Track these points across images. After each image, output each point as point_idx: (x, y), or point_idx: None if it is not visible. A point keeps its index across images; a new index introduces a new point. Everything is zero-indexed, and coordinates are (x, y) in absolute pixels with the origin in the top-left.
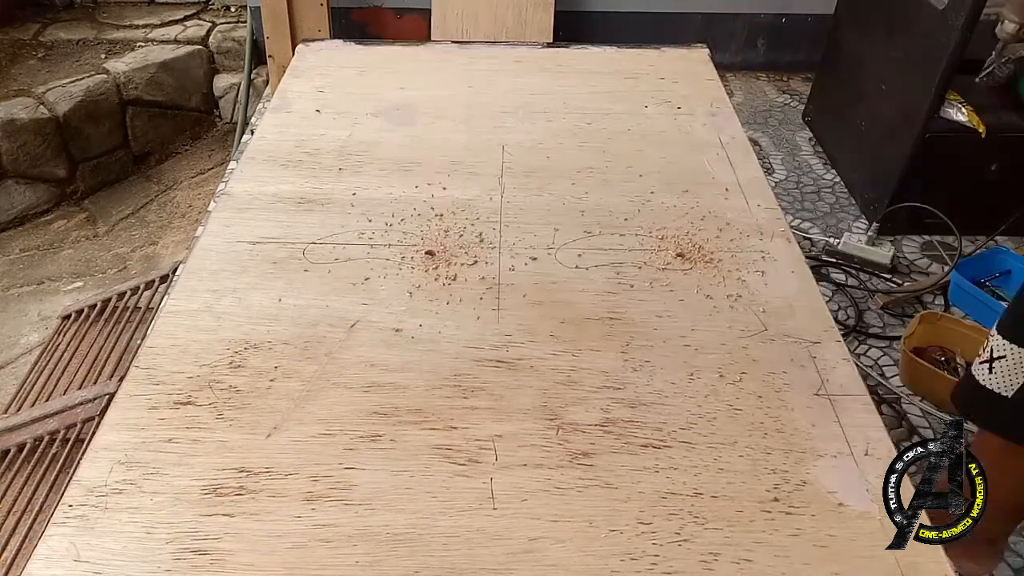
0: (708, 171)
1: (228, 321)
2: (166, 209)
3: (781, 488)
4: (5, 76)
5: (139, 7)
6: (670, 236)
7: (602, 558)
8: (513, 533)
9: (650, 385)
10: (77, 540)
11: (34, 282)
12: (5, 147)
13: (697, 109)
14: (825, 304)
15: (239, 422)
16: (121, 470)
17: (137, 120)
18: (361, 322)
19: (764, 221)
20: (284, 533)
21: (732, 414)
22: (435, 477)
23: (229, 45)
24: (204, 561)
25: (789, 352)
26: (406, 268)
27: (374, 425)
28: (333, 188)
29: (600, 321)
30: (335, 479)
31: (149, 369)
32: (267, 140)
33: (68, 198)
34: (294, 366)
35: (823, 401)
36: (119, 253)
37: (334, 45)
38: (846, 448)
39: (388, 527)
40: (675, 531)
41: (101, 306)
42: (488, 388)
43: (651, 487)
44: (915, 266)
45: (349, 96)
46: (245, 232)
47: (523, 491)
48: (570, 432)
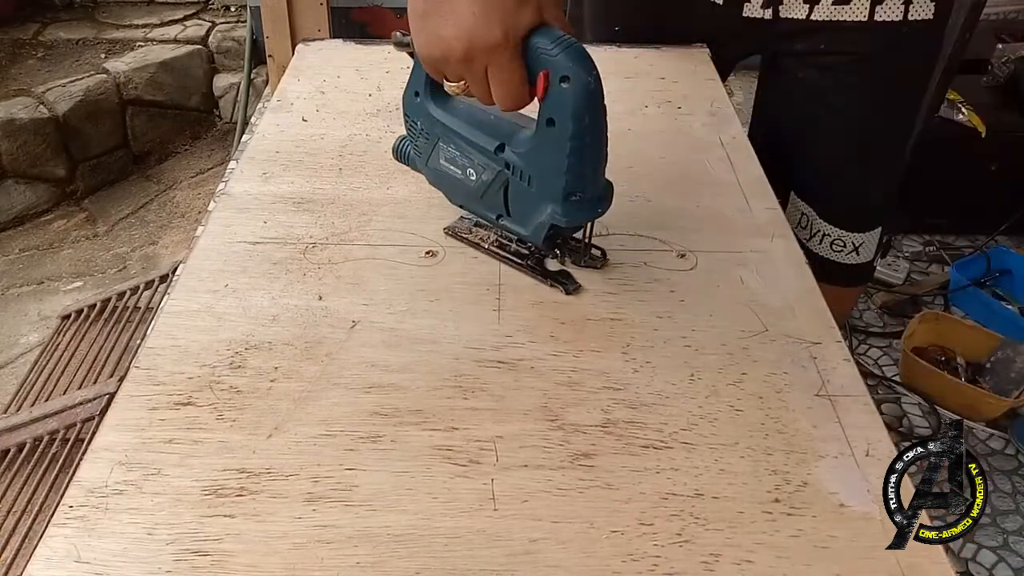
0: (709, 171)
1: (228, 321)
2: (166, 209)
3: (782, 489)
4: (5, 76)
5: (139, 7)
6: (670, 236)
7: (603, 559)
8: (514, 534)
9: (651, 386)
10: (77, 541)
11: (34, 282)
12: (5, 147)
13: (697, 109)
14: (826, 304)
15: (240, 423)
16: (121, 471)
17: (137, 120)
18: (362, 322)
19: (765, 221)
20: (285, 534)
21: (733, 415)
22: (436, 478)
23: (229, 45)
24: (205, 562)
25: (790, 353)
26: (407, 268)
27: (375, 426)
28: (334, 188)
29: (601, 322)
30: (336, 480)
31: (149, 370)
32: (267, 140)
33: (68, 198)
34: (295, 367)
35: (824, 402)
36: (119, 253)
37: (334, 45)
38: (847, 449)
39: (389, 528)
40: (676, 532)
41: (101, 306)
42: (489, 389)
43: (652, 488)
44: (915, 266)
45: (349, 96)
46: (245, 232)
47: (524, 492)
48: (571, 433)
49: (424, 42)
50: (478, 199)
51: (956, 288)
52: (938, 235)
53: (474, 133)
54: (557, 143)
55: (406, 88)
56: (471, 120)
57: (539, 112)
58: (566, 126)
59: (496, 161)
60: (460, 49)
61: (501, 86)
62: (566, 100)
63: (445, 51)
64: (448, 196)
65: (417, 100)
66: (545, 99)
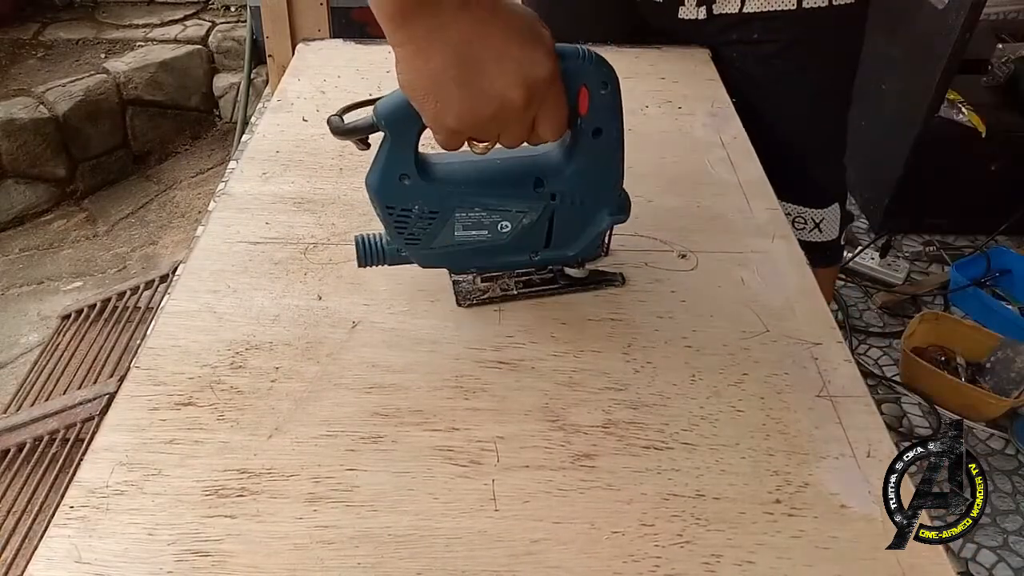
0: (709, 171)
1: (229, 322)
2: (166, 209)
3: (783, 490)
4: (5, 75)
5: (139, 7)
6: (671, 237)
7: (604, 560)
8: (515, 535)
9: (652, 386)
10: (78, 542)
11: (34, 282)
12: (5, 147)
13: (698, 109)
14: (827, 305)
15: (241, 423)
16: (122, 471)
17: (137, 120)
18: (362, 323)
19: (765, 222)
20: (286, 535)
21: (734, 415)
22: (437, 478)
23: (229, 45)
24: (206, 563)
25: (791, 353)
26: (407, 269)
27: (376, 426)
28: (335, 188)
29: (601, 322)
30: (337, 480)
31: (150, 370)
32: (267, 140)
33: (68, 198)
34: (295, 367)
35: (825, 402)
36: (119, 253)
37: (334, 45)
38: (848, 450)
39: (390, 528)
40: (677, 533)
41: (101, 306)
42: (490, 389)
43: (653, 489)
44: (915, 266)
45: (350, 96)
46: (246, 232)
47: (525, 492)
48: (572, 433)
49: (468, 108)
50: (509, 250)
51: (956, 288)
52: (938, 235)
53: (501, 184)
54: (606, 150)
55: (378, 179)
56: (485, 174)
57: (579, 128)
58: (612, 129)
59: (538, 198)
60: (520, 97)
61: (555, 117)
62: (609, 105)
63: (500, 106)
64: (458, 268)
65: (407, 184)
66: (589, 112)
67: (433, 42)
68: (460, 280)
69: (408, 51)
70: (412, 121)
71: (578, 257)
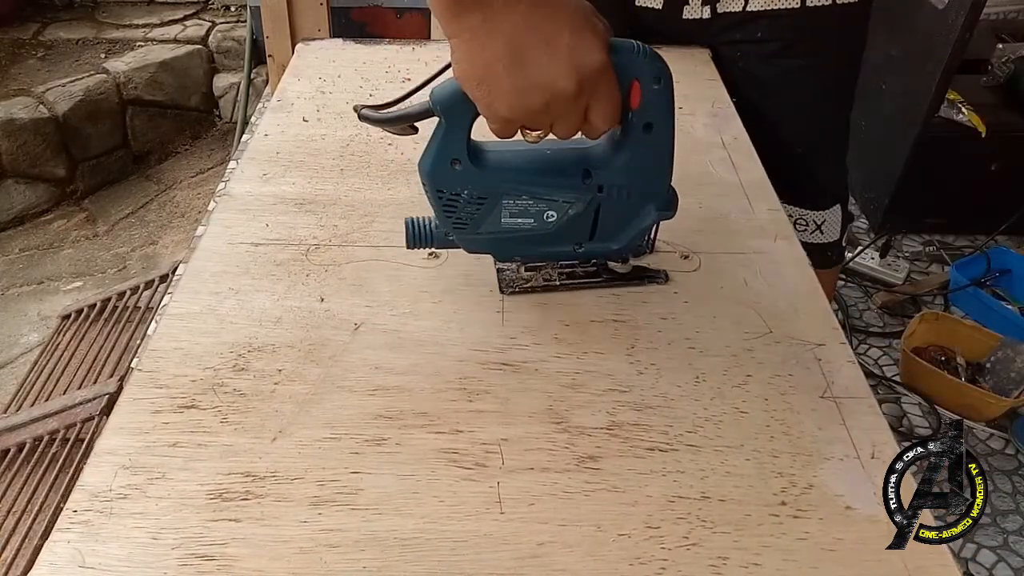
0: (711, 171)
1: (231, 324)
2: (166, 209)
3: (788, 492)
4: (5, 75)
5: (139, 7)
6: (674, 237)
7: (610, 563)
8: (521, 537)
9: (656, 388)
10: (82, 546)
11: (34, 282)
12: (5, 147)
13: (698, 109)
14: (829, 305)
15: (244, 426)
16: (126, 475)
17: (137, 120)
18: (365, 325)
19: (767, 222)
20: (291, 538)
21: (738, 417)
22: (442, 481)
23: (229, 45)
24: (211, 567)
25: (794, 354)
26: (410, 270)
27: (379, 429)
28: (336, 189)
29: (604, 323)
30: (341, 483)
31: (152, 372)
32: (267, 140)
33: (68, 198)
34: (298, 369)
35: (829, 404)
36: (119, 253)
37: (334, 44)
38: (852, 451)
39: (395, 532)
40: (683, 535)
41: (101, 306)
42: (493, 391)
43: (658, 491)
44: (915, 266)
45: (350, 96)
46: (247, 233)
47: (530, 495)
48: (576, 435)
49: (519, 96)
50: (553, 240)
51: (956, 288)
52: (938, 235)
53: (550, 173)
54: (658, 145)
55: (430, 163)
56: (534, 163)
57: (630, 122)
58: (664, 125)
59: (586, 189)
60: (571, 86)
61: (607, 107)
62: (661, 100)
63: (551, 95)
64: (503, 256)
65: (458, 169)
66: (640, 106)
67: (486, 32)
68: (504, 268)
69: (462, 42)
70: (466, 108)
71: (622, 251)
